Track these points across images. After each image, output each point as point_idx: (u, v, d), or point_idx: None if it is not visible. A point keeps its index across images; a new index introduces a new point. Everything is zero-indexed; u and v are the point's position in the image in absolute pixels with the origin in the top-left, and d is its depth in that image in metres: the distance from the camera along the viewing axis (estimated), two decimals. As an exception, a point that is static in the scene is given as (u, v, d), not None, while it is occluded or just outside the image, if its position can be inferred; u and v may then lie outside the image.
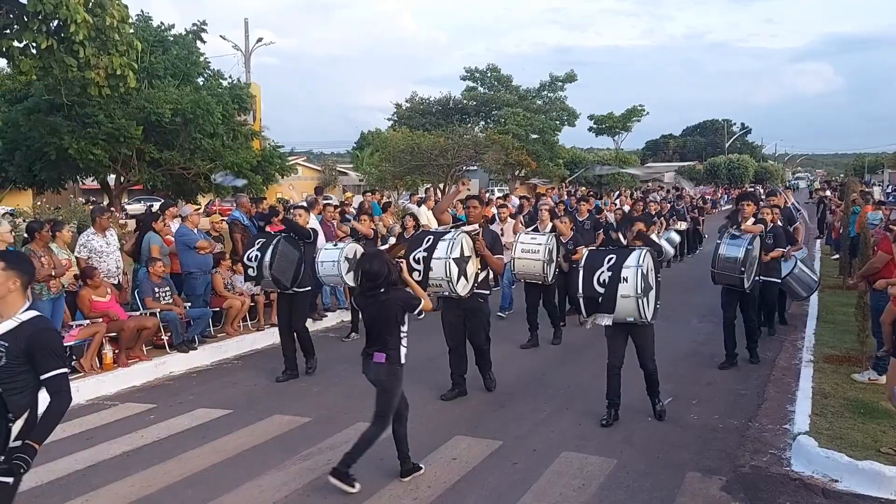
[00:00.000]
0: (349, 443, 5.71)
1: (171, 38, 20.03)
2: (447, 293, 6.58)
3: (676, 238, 16.08)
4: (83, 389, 7.39)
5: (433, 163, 31.01)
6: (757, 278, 7.86)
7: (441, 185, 32.15)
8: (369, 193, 16.40)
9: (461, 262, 6.52)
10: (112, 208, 15.17)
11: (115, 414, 6.95)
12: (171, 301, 8.87)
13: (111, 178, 20.51)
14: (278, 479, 5.20)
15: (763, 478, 5.05)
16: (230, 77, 21.48)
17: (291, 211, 8.81)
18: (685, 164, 76.56)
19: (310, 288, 8.24)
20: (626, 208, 15.83)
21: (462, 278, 6.55)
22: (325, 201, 13.40)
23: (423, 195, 19.94)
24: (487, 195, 22.93)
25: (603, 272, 5.83)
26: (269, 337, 9.62)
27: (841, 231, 13.58)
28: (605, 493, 4.86)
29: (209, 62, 20.83)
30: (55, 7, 10.06)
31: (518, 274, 9.17)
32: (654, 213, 16.25)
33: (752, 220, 8.02)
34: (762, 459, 5.36)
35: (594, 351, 8.46)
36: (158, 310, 8.57)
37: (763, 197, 12.24)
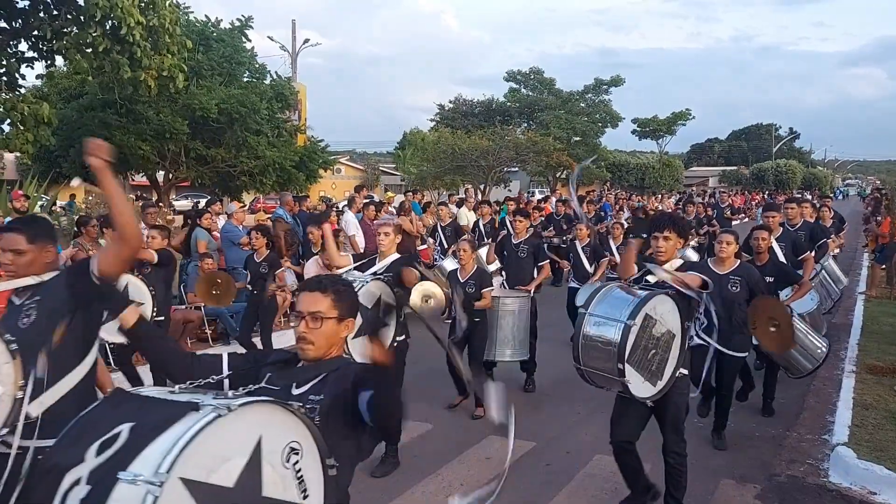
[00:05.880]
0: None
1: (216, 35, 20.41)
2: None
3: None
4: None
5: (473, 164, 31.09)
6: (680, 373, 4.24)
7: (482, 187, 32.23)
8: (410, 193, 16.56)
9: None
10: (160, 204, 15.56)
11: (160, 403, 7.17)
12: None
13: (160, 175, 21.09)
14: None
15: (799, 488, 5.00)
16: (275, 73, 21.85)
17: None
18: (730, 168, 75.43)
19: None
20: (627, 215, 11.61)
21: None
22: (366, 200, 13.55)
23: (463, 195, 20.09)
24: (526, 196, 22.97)
25: (79, 483, 1.63)
26: (309, 333, 9.80)
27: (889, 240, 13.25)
28: (638, 496, 4.87)
29: (256, 53, 21.13)
30: (110, 8, 10.42)
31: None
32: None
33: (677, 261, 4.43)
34: (799, 469, 5.30)
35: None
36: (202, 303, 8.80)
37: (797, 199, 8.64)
